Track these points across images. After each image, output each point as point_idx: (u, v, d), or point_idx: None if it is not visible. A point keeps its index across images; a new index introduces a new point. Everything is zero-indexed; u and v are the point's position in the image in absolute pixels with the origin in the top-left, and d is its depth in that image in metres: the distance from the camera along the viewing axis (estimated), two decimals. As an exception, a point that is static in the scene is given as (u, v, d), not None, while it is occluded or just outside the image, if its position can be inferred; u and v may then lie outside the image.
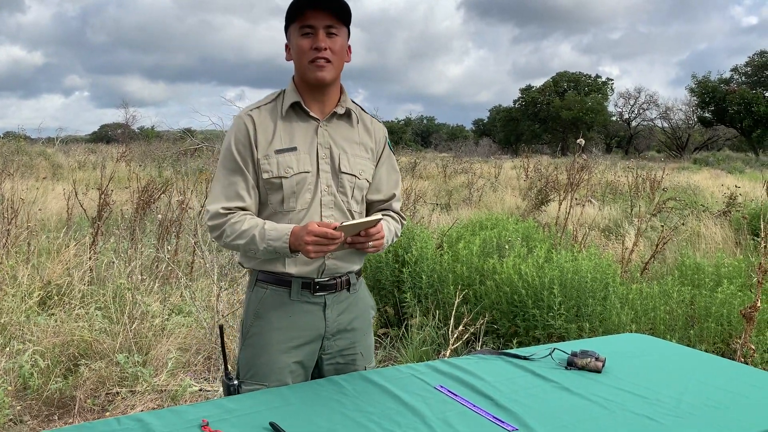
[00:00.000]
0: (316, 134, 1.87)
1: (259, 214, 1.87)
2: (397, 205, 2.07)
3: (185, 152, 19.53)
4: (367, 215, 2.00)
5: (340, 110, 1.91)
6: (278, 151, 1.83)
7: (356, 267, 1.94)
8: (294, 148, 1.84)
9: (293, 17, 1.81)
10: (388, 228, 1.94)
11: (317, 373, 1.94)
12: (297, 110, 1.87)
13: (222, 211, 1.81)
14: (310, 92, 1.87)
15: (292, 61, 1.89)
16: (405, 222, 2.13)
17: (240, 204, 1.82)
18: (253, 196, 1.85)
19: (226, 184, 1.84)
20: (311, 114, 1.87)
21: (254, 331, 1.88)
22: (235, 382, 1.83)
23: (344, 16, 1.83)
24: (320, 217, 1.85)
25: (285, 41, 1.90)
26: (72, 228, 6.25)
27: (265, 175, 1.82)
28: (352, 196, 1.91)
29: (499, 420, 1.58)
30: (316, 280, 1.86)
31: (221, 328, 1.96)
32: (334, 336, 1.91)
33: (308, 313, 1.86)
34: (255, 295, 1.90)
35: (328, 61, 1.80)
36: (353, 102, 1.98)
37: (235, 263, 5.60)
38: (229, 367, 1.93)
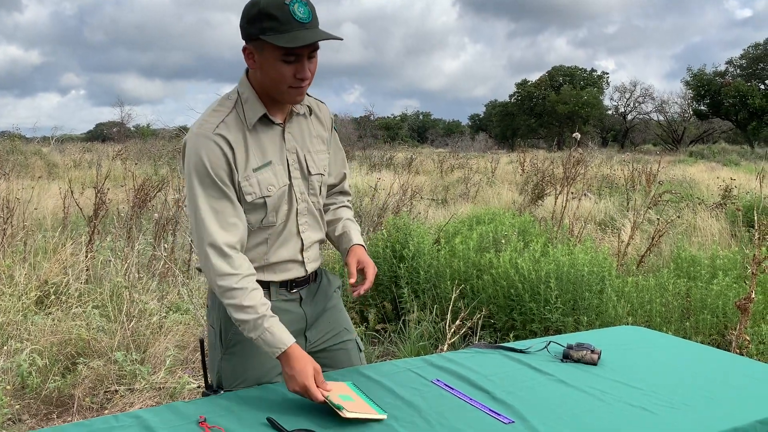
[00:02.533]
0: (283, 141, 1.77)
1: None
2: (346, 183, 2.04)
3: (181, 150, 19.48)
4: None
5: (301, 110, 1.81)
6: (256, 170, 1.71)
7: (320, 261, 1.94)
8: (269, 163, 1.73)
9: (276, 39, 1.59)
10: (357, 230, 1.97)
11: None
12: (263, 120, 1.73)
13: (227, 250, 1.65)
14: (276, 102, 1.74)
15: (254, 69, 1.69)
16: (351, 197, 2.10)
17: (237, 236, 1.68)
18: (243, 220, 1.71)
19: (214, 213, 1.66)
20: (276, 122, 1.76)
21: (238, 338, 1.79)
22: (221, 392, 1.76)
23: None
24: (297, 226, 1.81)
25: (243, 44, 1.68)
26: (68, 227, 6.25)
27: (248, 198, 1.70)
28: (320, 193, 1.87)
29: (496, 413, 1.59)
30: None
31: (202, 342, 1.88)
32: (313, 325, 1.90)
33: (287, 311, 1.82)
34: None
35: (307, 84, 1.70)
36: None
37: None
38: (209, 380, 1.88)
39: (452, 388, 1.75)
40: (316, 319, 1.91)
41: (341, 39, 1.63)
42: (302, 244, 1.83)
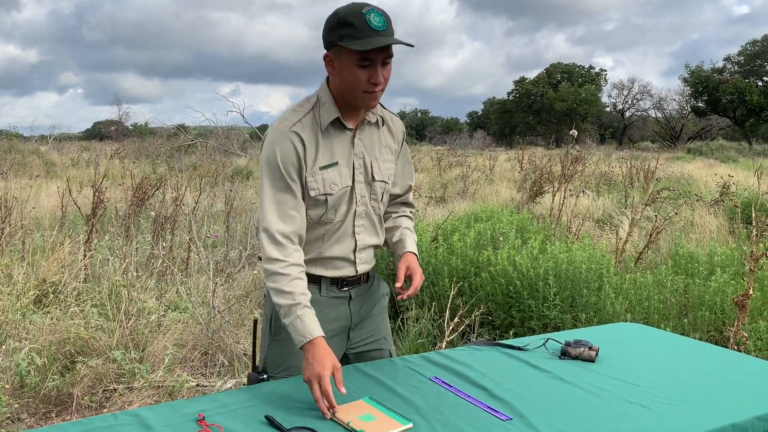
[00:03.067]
0: (352, 145, 1.87)
1: None
2: (411, 195, 2.14)
3: (179, 148, 19.49)
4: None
5: (373, 119, 1.91)
6: (323, 168, 1.82)
7: (373, 263, 2.03)
8: (336, 163, 1.84)
9: (352, 44, 1.70)
10: (413, 239, 2.04)
11: (347, 363, 1.97)
12: (336, 123, 1.85)
13: (279, 238, 1.77)
14: (350, 108, 1.85)
15: (333, 75, 1.81)
16: (415, 209, 2.20)
17: (292, 226, 1.79)
18: (302, 213, 1.82)
19: (276, 203, 1.79)
20: (348, 126, 1.87)
21: (283, 328, 1.85)
22: (264, 376, 1.85)
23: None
24: (353, 227, 1.90)
25: (325, 51, 1.79)
26: (66, 226, 6.25)
27: (312, 193, 1.82)
28: (381, 200, 1.96)
29: (494, 410, 1.60)
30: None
31: (255, 322, 1.97)
32: (357, 326, 1.98)
33: (336, 307, 1.92)
34: None
35: (381, 90, 1.80)
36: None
37: (229, 259, 5.61)
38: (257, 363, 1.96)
39: (450, 386, 1.76)
40: (360, 320, 2.00)
41: (412, 45, 1.77)
42: (356, 245, 1.92)
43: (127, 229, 5.96)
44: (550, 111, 52.16)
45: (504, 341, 2.16)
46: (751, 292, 3.42)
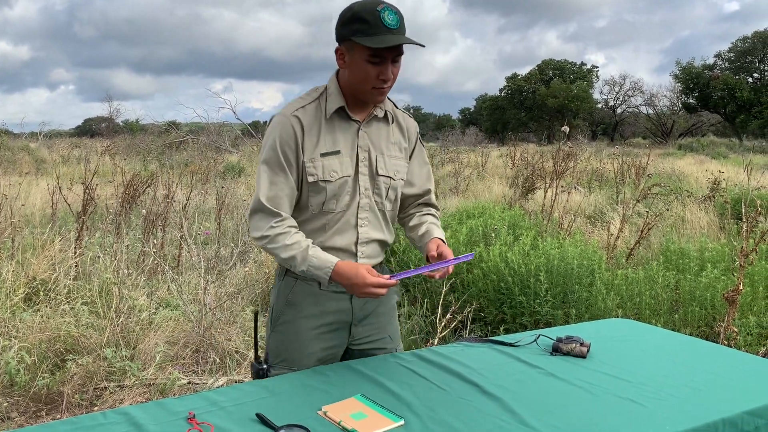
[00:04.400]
0: (357, 137, 1.89)
1: (297, 216, 1.90)
2: (433, 197, 2.14)
3: (170, 145, 19.41)
4: (401, 211, 2.10)
5: (380, 113, 1.93)
6: (323, 155, 1.84)
7: (380, 259, 2.02)
8: (338, 152, 1.86)
9: (364, 41, 1.73)
10: (440, 230, 2.04)
11: (348, 359, 1.99)
12: (341, 113, 1.88)
13: (271, 207, 1.82)
14: (356, 100, 1.88)
15: (343, 68, 1.85)
16: (439, 211, 2.21)
17: (279, 209, 1.83)
18: (292, 199, 1.86)
19: (269, 183, 1.84)
20: (353, 118, 1.89)
21: (285, 318, 1.92)
22: (265, 366, 1.87)
23: None
24: (356, 218, 1.90)
25: (336, 45, 1.83)
26: (56, 223, 6.20)
27: (310, 179, 1.84)
28: (386, 196, 1.96)
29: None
30: None
31: (256, 313, 1.99)
32: (361, 322, 1.98)
33: (337, 302, 1.92)
34: (285, 285, 1.94)
35: (389, 87, 1.83)
36: (387, 99, 1.98)
37: (221, 256, 5.59)
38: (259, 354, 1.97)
39: (406, 272, 1.81)
40: (364, 317, 1.99)
41: (423, 46, 1.78)
42: (357, 237, 1.92)
43: (118, 227, 5.93)
44: (542, 107, 52.26)
45: (496, 337, 2.16)
46: (741, 287, 3.44)
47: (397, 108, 2.02)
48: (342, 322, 1.95)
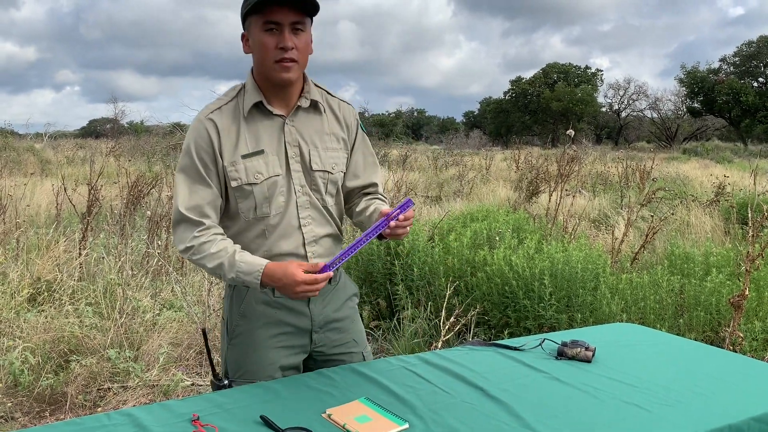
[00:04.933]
0: (282, 133, 1.78)
1: (231, 227, 1.81)
2: (380, 189, 2.01)
3: (175, 146, 19.43)
4: (346, 203, 1.97)
5: (305, 103, 1.81)
6: (245, 156, 1.74)
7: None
8: (261, 151, 1.75)
9: (255, 9, 1.68)
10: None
11: (314, 367, 1.90)
12: (260, 108, 1.77)
13: (189, 215, 1.72)
14: (273, 89, 1.77)
15: (250, 54, 1.78)
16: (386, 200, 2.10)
17: (201, 218, 1.74)
18: (216, 206, 1.76)
19: (188, 191, 1.74)
20: (275, 112, 1.78)
21: (240, 330, 1.83)
22: (225, 382, 1.78)
23: (310, 9, 1.72)
24: (298, 219, 1.80)
25: (242, 31, 1.78)
26: (61, 224, 6.21)
27: (233, 183, 1.74)
28: (326, 191, 1.85)
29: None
30: None
31: (204, 331, 1.89)
32: (322, 329, 1.89)
33: (293, 310, 1.83)
34: (237, 295, 1.84)
35: (293, 60, 1.70)
36: (318, 87, 1.87)
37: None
38: (216, 369, 1.89)
39: (342, 254, 1.71)
40: (325, 323, 1.89)
41: (316, 3, 1.69)
42: (304, 238, 1.82)
43: (123, 228, 5.94)
44: (546, 111, 52.20)
45: (500, 341, 2.15)
46: (747, 292, 3.43)
47: (332, 96, 1.90)
48: (301, 330, 1.84)
